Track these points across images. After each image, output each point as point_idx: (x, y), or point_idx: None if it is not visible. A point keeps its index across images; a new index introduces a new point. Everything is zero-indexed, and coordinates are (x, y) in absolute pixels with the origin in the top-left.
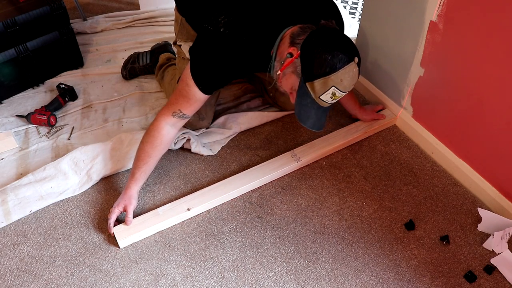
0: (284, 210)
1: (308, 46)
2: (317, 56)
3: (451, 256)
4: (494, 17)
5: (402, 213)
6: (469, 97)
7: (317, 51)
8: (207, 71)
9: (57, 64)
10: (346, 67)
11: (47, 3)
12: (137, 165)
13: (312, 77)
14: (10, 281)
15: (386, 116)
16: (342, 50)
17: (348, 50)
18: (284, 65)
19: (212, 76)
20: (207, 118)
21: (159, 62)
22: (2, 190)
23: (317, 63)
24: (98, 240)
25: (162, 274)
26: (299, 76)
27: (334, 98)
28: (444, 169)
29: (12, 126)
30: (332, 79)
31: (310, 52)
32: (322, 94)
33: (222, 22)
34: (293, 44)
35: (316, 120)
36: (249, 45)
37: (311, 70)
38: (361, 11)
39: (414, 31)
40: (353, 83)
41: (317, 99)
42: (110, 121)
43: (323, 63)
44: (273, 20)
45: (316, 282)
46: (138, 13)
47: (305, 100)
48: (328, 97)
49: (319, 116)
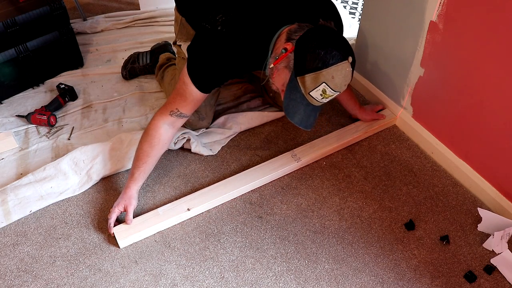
0: (284, 210)
1: (303, 41)
2: (310, 50)
3: (451, 256)
4: (494, 17)
5: (402, 213)
6: (469, 97)
7: (311, 45)
8: (203, 69)
9: (57, 64)
10: (338, 64)
11: (47, 3)
12: (136, 164)
13: (303, 71)
14: (10, 281)
15: (386, 116)
16: (336, 48)
17: (343, 48)
18: (278, 59)
19: (208, 74)
20: (207, 118)
21: (159, 62)
22: (2, 190)
23: (309, 57)
24: (98, 240)
25: (162, 274)
26: (291, 70)
27: (325, 96)
28: (444, 169)
29: (12, 126)
30: (323, 75)
31: (304, 46)
32: (312, 90)
33: (219, 20)
34: (289, 40)
35: (305, 116)
36: (246, 44)
37: (303, 64)
38: (361, 11)
39: (414, 31)
40: (345, 83)
41: (306, 95)
42: (110, 121)
43: (315, 58)
44: (271, 20)
45: (316, 282)
46: (138, 13)
47: (294, 94)
48: (318, 94)
49: (308, 113)
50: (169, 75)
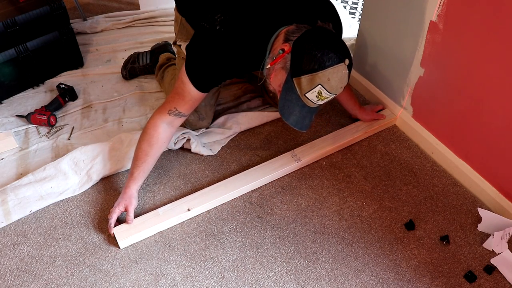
0: (284, 210)
1: (300, 42)
2: (307, 52)
3: (451, 256)
4: (494, 17)
5: (402, 213)
6: (469, 97)
7: (308, 47)
8: (201, 69)
9: (57, 64)
10: (335, 66)
11: (47, 3)
12: (135, 164)
13: (299, 73)
14: (10, 281)
15: (386, 116)
16: (333, 50)
17: (340, 51)
18: (275, 60)
19: (206, 73)
20: (207, 118)
21: (159, 62)
22: (2, 190)
23: (306, 59)
24: (98, 240)
25: (162, 274)
26: (288, 71)
27: (320, 98)
28: (444, 169)
29: (12, 126)
30: (319, 77)
31: (301, 48)
32: (308, 91)
33: (218, 20)
34: (287, 41)
35: (300, 118)
36: (244, 44)
37: (300, 66)
38: (361, 11)
39: (414, 31)
40: (341, 85)
41: (302, 96)
42: (110, 121)
43: (312, 60)
44: (269, 20)
45: (316, 282)
46: (138, 13)
47: (290, 95)
48: (314, 96)
49: (304, 115)
50: (169, 75)
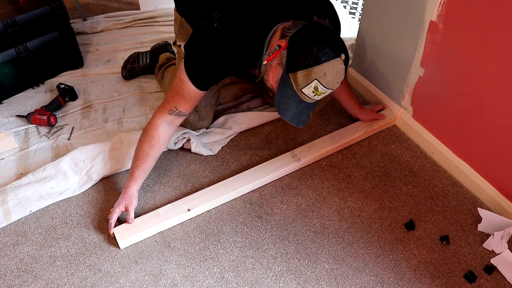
0: (284, 210)
1: (296, 38)
2: (303, 47)
3: (451, 256)
4: (494, 17)
5: (402, 213)
6: (469, 97)
7: (303, 42)
8: (200, 66)
9: (57, 64)
10: (331, 61)
11: (47, 3)
12: (135, 164)
13: (295, 68)
14: (10, 281)
15: (386, 116)
16: (329, 45)
17: (336, 45)
18: (271, 56)
19: (205, 71)
20: (207, 118)
21: (159, 62)
22: (2, 190)
23: (301, 54)
24: (98, 240)
25: (162, 274)
26: (284, 67)
27: (317, 93)
28: (444, 169)
29: (12, 126)
30: (315, 72)
31: (296, 43)
32: (304, 86)
33: (216, 17)
34: (283, 37)
35: (296, 113)
36: (242, 40)
37: (295, 61)
38: (361, 11)
39: (414, 31)
40: (338, 80)
41: (298, 92)
42: (110, 121)
43: (307, 55)
44: (266, 17)
45: (316, 282)
46: (138, 13)
47: (286, 91)
48: (310, 91)
49: (300, 110)
50: (169, 75)
